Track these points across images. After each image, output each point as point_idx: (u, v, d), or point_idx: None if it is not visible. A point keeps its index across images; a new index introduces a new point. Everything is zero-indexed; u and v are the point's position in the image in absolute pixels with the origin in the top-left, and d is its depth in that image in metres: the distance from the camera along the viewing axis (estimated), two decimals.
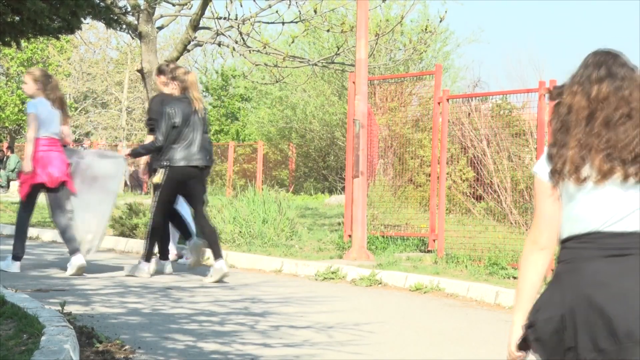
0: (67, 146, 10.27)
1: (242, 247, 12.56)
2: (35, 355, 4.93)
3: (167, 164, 9.83)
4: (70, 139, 10.26)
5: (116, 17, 13.01)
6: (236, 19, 14.24)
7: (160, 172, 9.90)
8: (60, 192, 9.93)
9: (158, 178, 9.91)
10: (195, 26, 14.46)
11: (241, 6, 14.23)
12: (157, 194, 9.98)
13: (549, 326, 3.25)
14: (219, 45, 14.77)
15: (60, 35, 10.82)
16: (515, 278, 10.22)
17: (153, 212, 10.03)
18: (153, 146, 9.99)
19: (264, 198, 13.37)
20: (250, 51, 14.59)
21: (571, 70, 3.42)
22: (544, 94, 10.57)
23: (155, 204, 10.00)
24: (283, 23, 14.66)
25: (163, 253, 10.53)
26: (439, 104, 11.97)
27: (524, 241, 3.44)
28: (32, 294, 8.07)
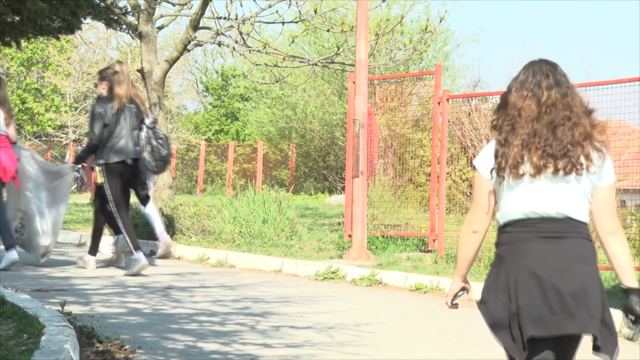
0: (15, 144, 10.55)
1: (242, 247, 12.56)
2: (35, 355, 4.93)
3: (102, 162, 10.41)
4: (15, 138, 10.57)
5: (116, 17, 13.00)
6: (236, 19, 14.24)
7: (98, 171, 10.50)
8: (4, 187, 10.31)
9: (99, 178, 10.53)
10: (196, 26, 14.46)
11: (241, 6, 14.28)
12: (106, 193, 10.46)
13: (498, 301, 3.77)
14: (219, 45, 14.78)
15: (60, 35, 10.83)
16: None
17: (114, 212, 10.48)
18: (89, 146, 10.60)
19: (264, 198, 13.37)
20: (250, 51, 14.59)
21: (513, 75, 3.92)
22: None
23: (111, 205, 10.46)
24: (283, 23, 14.66)
25: (93, 249, 10.93)
26: (439, 103, 11.97)
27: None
28: (32, 293, 8.07)
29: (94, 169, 10.82)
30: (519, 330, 3.72)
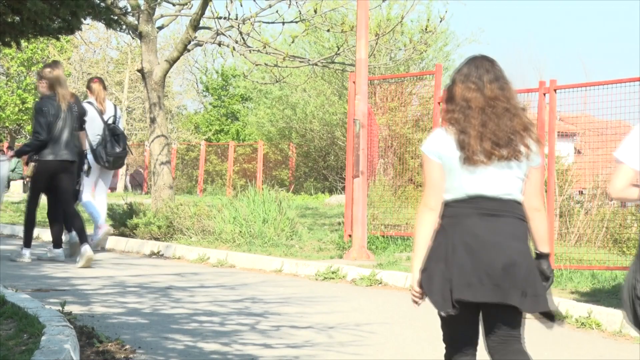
0: None
1: (242, 247, 12.56)
2: (35, 355, 4.93)
3: (37, 158, 10.74)
4: None
5: (116, 18, 13.00)
6: (236, 19, 14.24)
7: (31, 166, 10.87)
8: None
9: (29, 171, 10.96)
10: (196, 26, 14.46)
11: (241, 6, 14.28)
12: (30, 186, 11.13)
13: (437, 267, 4.19)
14: (219, 45, 14.77)
15: (60, 35, 10.83)
16: None
17: (27, 201, 11.11)
18: (35, 141, 10.75)
19: (264, 198, 13.37)
20: (250, 51, 14.58)
21: (457, 67, 4.38)
22: (544, 94, 10.57)
23: (28, 195, 11.16)
24: (283, 23, 14.66)
25: (57, 242, 11.31)
26: (439, 103, 11.97)
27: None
28: (32, 293, 8.07)
29: (28, 163, 11.18)
30: (450, 293, 4.16)
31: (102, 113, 12.32)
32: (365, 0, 12.23)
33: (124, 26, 14.36)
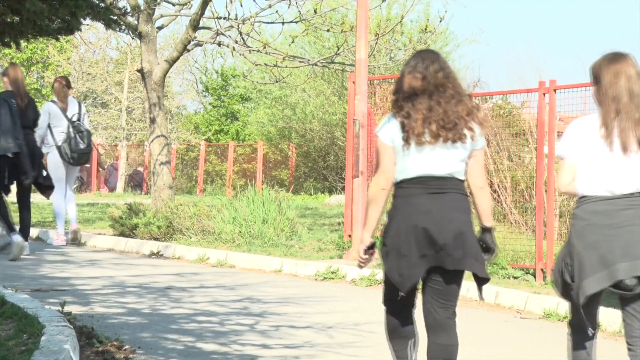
0: None
1: (242, 247, 12.56)
2: (35, 355, 4.93)
3: None
4: None
5: (116, 18, 12.99)
6: (236, 19, 14.23)
7: None
8: None
9: None
10: (195, 26, 14.45)
11: (241, 6, 14.24)
12: None
13: (394, 242, 4.82)
14: (219, 45, 14.76)
15: (59, 35, 10.82)
16: (515, 278, 10.25)
17: None
18: None
19: (264, 198, 13.36)
20: (250, 51, 14.57)
21: (406, 61, 4.89)
22: (544, 94, 10.56)
23: None
24: (283, 23, 14.65)
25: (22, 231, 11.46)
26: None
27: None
28: (32, 294, 8.07)
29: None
30: (408, 270, 4.76)
31: (64, 111, 12.78)
32: (365, 0, 12.23)
33: (124, 26, 14.33)
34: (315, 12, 14.52)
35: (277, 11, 14.43)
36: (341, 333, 7.10)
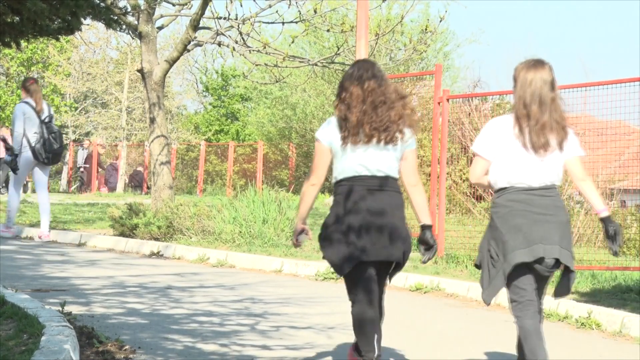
0: None
1: (242, 247, 12.56)
2: (35, 355, 4.93)
3: None
4: None
5: (116, 18, 13.00)
6: (236, 19, 14.23)
7: None
8: None
9: None
10: (195, 26, 14.45)
11: (241, 6, 14.23)
12: None
13: (336, 235, 5.20)
14: (219, 45, 14.76)
15: (60, 35, 10.83)
16: None
17: None
18: None
19: (264, 198, 13.36)
20: (250, 51, 14.57)
21: (348, 71, 5.32)
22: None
23: None
24: (283, 23, 14.65)
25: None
26: (439, 103, 11.97)
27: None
28: (32, 294, 8.07)
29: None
30: (345, 259, 5.14)
31: (39, 112, 13.18)
32: (365, 0, 12.22)
33: (124, 26, 14.34)
34: (315, 12, 14.52)
35: (277, 11, 14.44)
36: (342, 333, 7.10)
